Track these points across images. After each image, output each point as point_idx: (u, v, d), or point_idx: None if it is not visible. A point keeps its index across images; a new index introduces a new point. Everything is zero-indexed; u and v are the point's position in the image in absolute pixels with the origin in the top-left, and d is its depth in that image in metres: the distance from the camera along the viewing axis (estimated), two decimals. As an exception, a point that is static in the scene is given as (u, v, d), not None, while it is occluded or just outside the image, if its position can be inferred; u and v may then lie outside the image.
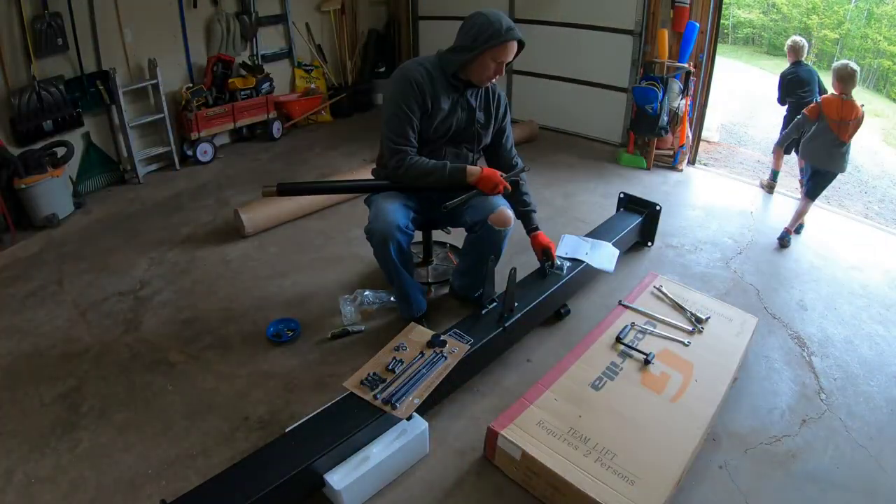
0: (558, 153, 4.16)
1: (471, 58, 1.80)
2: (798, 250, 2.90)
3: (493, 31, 1.77)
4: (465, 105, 1.97)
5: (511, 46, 1.82)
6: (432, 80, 1.87)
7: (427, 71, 1.87)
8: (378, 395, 1.59)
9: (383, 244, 1.89)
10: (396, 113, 1.87)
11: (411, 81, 1.84)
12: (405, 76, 1.86)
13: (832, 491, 1.60)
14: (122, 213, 3.28)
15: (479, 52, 1.79)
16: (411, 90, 1.84)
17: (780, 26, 13.77)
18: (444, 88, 1.90)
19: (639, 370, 1.83)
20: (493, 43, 1.77)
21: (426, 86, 1.86)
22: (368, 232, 1.93)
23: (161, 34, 3.74)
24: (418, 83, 1.84)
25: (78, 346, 2.16)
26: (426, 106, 1.87)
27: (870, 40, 11.77)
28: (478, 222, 1.99)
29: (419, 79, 1.84)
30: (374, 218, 1.92)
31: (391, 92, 1.90)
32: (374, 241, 1.92)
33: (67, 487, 1.58)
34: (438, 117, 1.91)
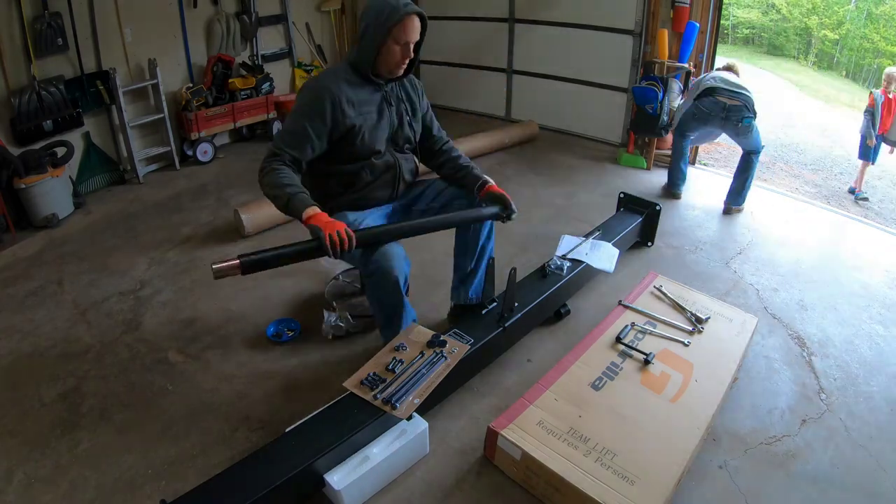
0: (558, 153, 4.16)
1: (376, 47, 1.69)
2: (798, 251, 2.90)
3: (389, 11, 1.65)
4: (391, 100, 1.84)
5: (411, 22, 1.68)
6: (351, 84, 1.74)
7: (343, 79, 1.73)
8: (378, 394, 1.58)
9: (394, 281, 1.71)
10: (293, 123, 1.70)
11: (323, 90, 1.68)
12: (317, 85, 1.71)
13: (832, 491, 1.60)
14: (122, 213, 3.29)
15: (382, 38, 1.67)
16: (318, 102, 1.68)
17: (779, 26, 13.77)
18: (366, 91, 1.77)
19: (639, 370, 1.83)
20: (391, 22, 1.65)
21: (341, 92, 1.70)
22: (374, 272, 1.70)
23: (161, 34, 3.74)
24: (331, 91, 1.68)
25: (78, 346, 2.16)
26: (347, 115, 1.70)
27: (868, 41, 11.78)
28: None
29: (332, 87, 1.69)
30: (379, 257, 1.69)
31: (297, 104, 1.75)
32: (381, 282, 1.72)
33: (67, 487, 1.58)
34: (369, 123, 1.77)
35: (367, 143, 1.78)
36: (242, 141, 4.38)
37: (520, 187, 3.54)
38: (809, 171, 5.22)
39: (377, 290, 1.77)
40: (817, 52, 13.14)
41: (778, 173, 5.03)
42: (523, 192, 3.48)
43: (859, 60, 12.24)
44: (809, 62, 13.05)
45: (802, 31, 13.33)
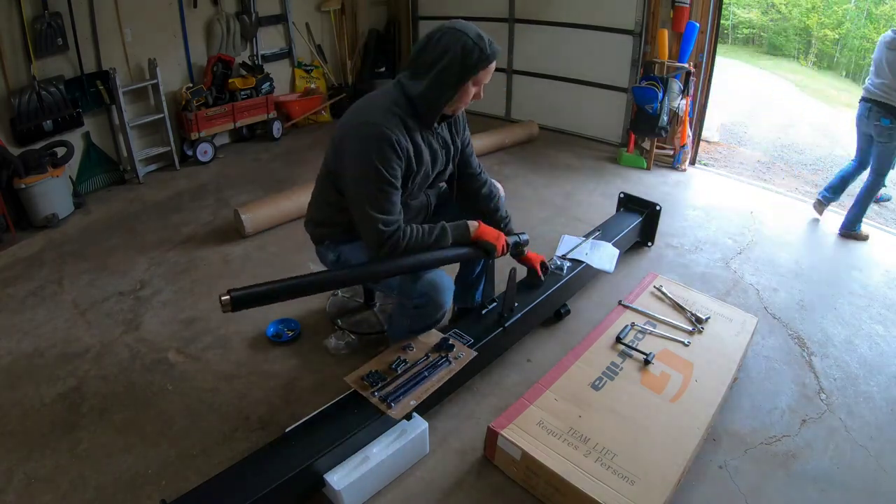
0: (558, 153, 4.16)
1: (455, 89, 1.50)
2: (798, 250, 2.90)
3: (478, 53, 1.46)
4: (441, 142, 1.67)
5: (494, 65, 1.53)
6: (408, 129, 1.53)
7: (400, 120, 1.51)
8: (376, 392, 1.58)
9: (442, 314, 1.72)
10: (379, 186, 1.48)
11: (392, 142, 1.46)
12: (382, 136, 1.46)
13: (832, 491, 1.60)
14: (122, 213, 3.29)
15: (465, 82, 1.49)
16: (393, 151, 1.47)
17: (779, 26, 13.77)
18: (420, 132, 1.57)
19: (639, 370, 1.83)
20: (480, 68, 1.48)
21: (406, 142, 1.51)
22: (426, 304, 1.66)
23: (161, 34, 3.74)
24: (400, 144, 1.48)
25: (78, 346, 2.16)
26: (411, 167, 1.56)
27: (868, 41, 11.77)
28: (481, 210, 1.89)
29: (400, 138, 1.48)
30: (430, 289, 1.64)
31: (365, 156, 1.47)
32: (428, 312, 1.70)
33: (67, 487, 1.58)
34: (422, 171, 1.61)
35: (415, 192, 1.68)
36: (242, 141, 4.38)
37: (520, 187, 3.54)
38: (809, 171, 5.21)
39: (421, 318, 1.74)
40: (817, 51, 13.12)
41: (778, 173, 5.03)
42: (523, 192, 3.48)
43: (859, 60, 12.23)
44: (809, 62, 13.04)
45: (802, 30, 13.31)
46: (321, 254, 1.85)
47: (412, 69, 1.53)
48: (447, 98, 1.52)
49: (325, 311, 2.34)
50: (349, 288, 2.42)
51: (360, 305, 2.35)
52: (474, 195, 1.89)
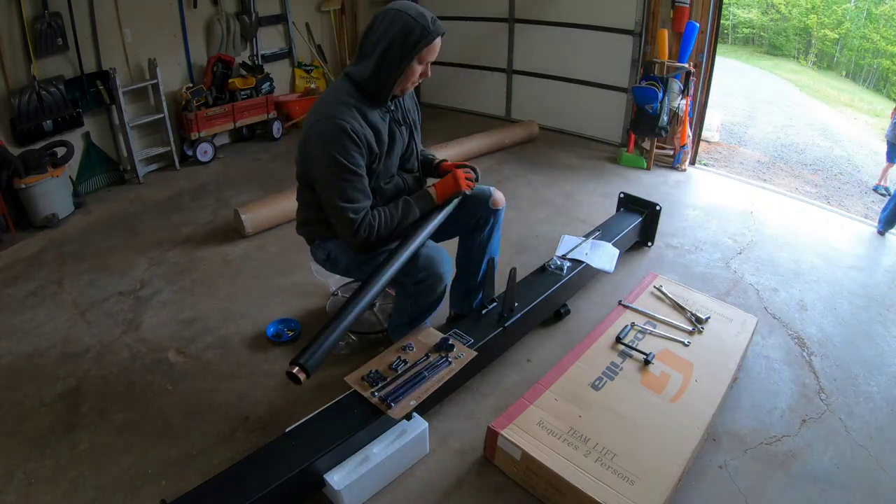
0: (558, 153, 4.16)
1: (400, 68, 1.53)
2: (798, 250, 2.90)
3: (420, 31, 1.49)
4: (399, 119, 1.70)
5: (438, 42, 1.54)
6: (363, 114, 1.55)
7: (354, 108, 1.54)
8: (376, 392, 1.59)
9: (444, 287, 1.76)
10: (342, 176, 1.53)
11: (347, 131, 1.50)
12: (337, 128, 1.50)
13: (832, 491, 1.60)
14: (122, 213, 3.29)
15: (409, 60, 1.52)
16: (350, 140, 1.51)
17: (779, 26, 13.77)
18: (377, 116, 1.60)
19: (639, 370, 1.83)
20: (423, 45, 1.50)
21: (363, 128, 1.54)
22: (426, 279, 1.71)
23: (161, 34, 3.74)
24: (355, 131, 1.51)
25: (78, 346, 2.16)
26: (373, 151, 1.59)
27: (868, 40, 11.78)
28: (483, 214, 1.92)
29: (354, 125, 1.51)
30: (428, 264, 1.70)
31: (324, 150, 1.52)
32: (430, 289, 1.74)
33: (67, 487, 1.58)
34: (384, 152, 1.64)
35: (382, 173, 1.69)
36: (242, 141, 4.38)
37: (520, 187, 3.54)
38: (809, 171, 5.22)
39: (424, 296, 1.76)
40: (817, 51, 13.14)
41: (778, 173, 5.04)
42: (523, 191, 3.48)
43: (859, 60, 12.24)
44: (809, 62, 13.05)
45: (802, 30, 13.33)
46: (314, 253, 1.89)
47: (358, 55, 1.58)
48: (394, 77, 1.55)
49: (324, 312, 2.34)
50: (346, 287, 2.43)
51: None
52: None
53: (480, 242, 1.97)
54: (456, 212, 1.87)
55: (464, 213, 1.91)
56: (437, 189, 1.76)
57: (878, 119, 8.54)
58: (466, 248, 2.02)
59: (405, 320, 1.87)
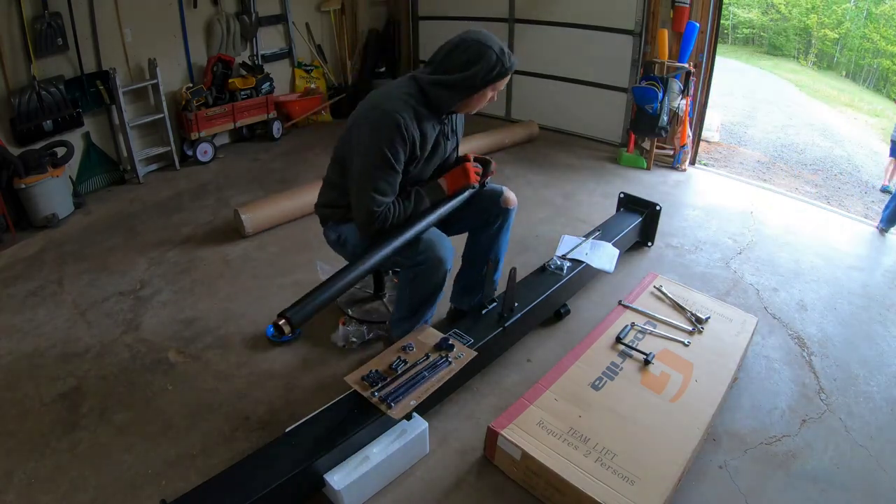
0: (558, 153, 4.16)
1: (471, 93, 1.64)
2: (798, 250, 2.90)
3: (500, 66, 1.61)
4: (447, 132, 1.79)
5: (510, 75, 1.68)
6: (419, 118, 1.62)
7: (413, 109, 1.60)
8: (376, 392, 1.58)
9: (443, 273, 1.77)
10: (381, 167, 1.59)
11: (400, 127, 1.56)
12: (392, 121, 1.56)
13: (832, 491, 1.60)
14: (122, 213, 3.29)
15: (482, 88, 1.63)
16: (400, 137, 1.57)
17: (779, 26, 13.78)
18: (429, 124, 1.67)
19: (639, 370, 1.83)
20: (499, 78, 1.63)
21: (414, 129, 1.60)
22: (425, 261, 1.73)
23: (161, 34, 3.74)
24: (407, 128, 1.58)
25: (78, 346, 2.16)
26: (415, 154, 1.65)
27: (868, 40, 11.78)
28: (493, 212, 1.92)
29: (408, 122, 1.58)
30: (427, 247, 1.72)
31: (374, 139, 1.58)
32: (430, 272, 1.75)
33: (67, 487, 1.58)
34: (424, 158, 1.71)
35: (416, 177, 1.75)
36: (242, 141, 4.38)
37: (520, 187, 3.54)
38: (809, 171, 5.22)
39: (421, 279, 1.79)
40: (817, 51, 13.14)
41: (778, 173, 5.04)
42: (523, 191, 3.48)
43: (859, 60, 12.24)
44: (809, 62, 13.06)
45: (802, 30, 13.33)
46: (325, 234, 1.93)
47: (434, 68, 1.65)
48: (465, 98, 1.65)
49: (326, 310, 2.33)
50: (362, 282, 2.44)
51: (369, 296, 2.37)
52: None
53: (488, 239, 1.98)
54: (466, 207, 1.89)
55: (474, 210, 1.93)
56: (448, 180, 1.80)
57: (878, 119, 8.54)
58: (474, 243, 2.04)
59: (405, 313, 1.89)
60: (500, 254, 2.02)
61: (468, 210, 1.91)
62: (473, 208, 1.92)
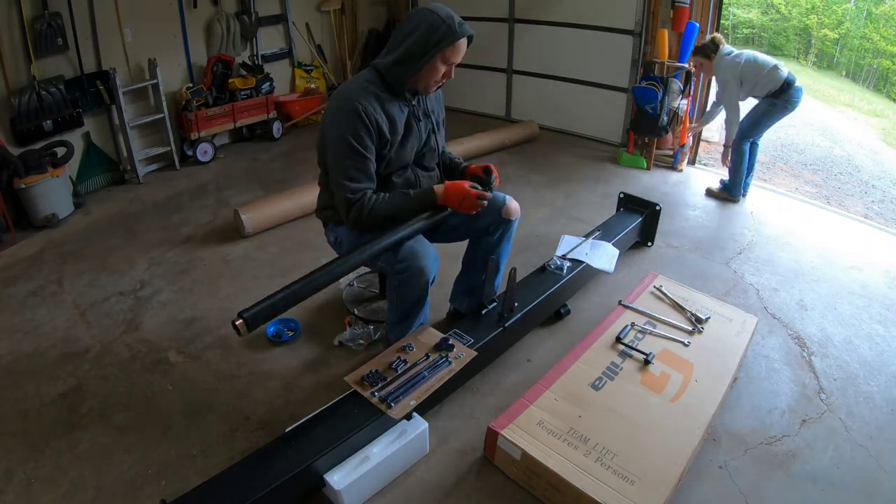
0: (558, 153, 4.16)
1: (423, 65, 1.59)
2: (798, 250, 2.90)
3: (446, 30, 1.55)
4: (419, 114, 1.75)
5: (462, 44, 1.61)
6: (381, 102, 1.62)
7: (373, 94, 1.61)
8: (376, 392, 1.59)
9: (424, 281, 1.73)
10: (348, 154, 1.60)
11: (359, 112, 1.57)
12: (351, 108, 1.57)
13: (832, 491, 1.60)
14: (122, 213, 3.29)
15: (431, 57, 1.58)
16: (361, 122, 1.57)
17: (779, 26, 13.77)
18: (397, 106, 1.67)
19: (639, 370, 1.83)
20: (446, 43, 1.56)
21: (376, 113, 1.60)
22: (407, 269, 1.69)
23: (161, 34, 3.74)
24: (367, 113, 1.58)
25: (78, 346, 2.16)
26: (384, 137, 1.64)
27: (868, 40, 11.78)
28: (494, 221, 1.91)
29: (367, 107, 1.58)
30: (409, 255, 1.68)
31: (337, 129, 1.61)
32: (411, 280, 1.71)
33: (67, 487, 1.58)
34: (397, 141, 1.69)
35: (394, 162, 1.72)
36: (242, 141, 4.38)
37: (520, 187, 3.54)
38: (809, 171, 5.21)
39: (404, 288, 1.75)
40: (817, 51, 13.13)
41: (778, 173, 5.03)
42: (523, 191, 3.48)
43: (859, 60, 12.23)
44: (809, 62, 13.05)
45: (802, 30, 13.32)
46: (326, 235, 1.95)
47: (387, 48, 1.66)
48: (414, 69, 1.61)
49: (325, 310, 2.34)
50: (362, 278, 2.46)
51: (375, 295, 2.36)
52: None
53: (488, 248, 1.97)
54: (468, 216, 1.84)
55: (475, 218, 1.88)
56: (446, 190, 1.71)
57: (879, 119, 8.53)
58: (474, 249, 2.03)
59: (395, 318, 1.87)
60: (501, 259, 2.01)
61: (468, 218, 1.86)
62: (475, 217, 1.86)
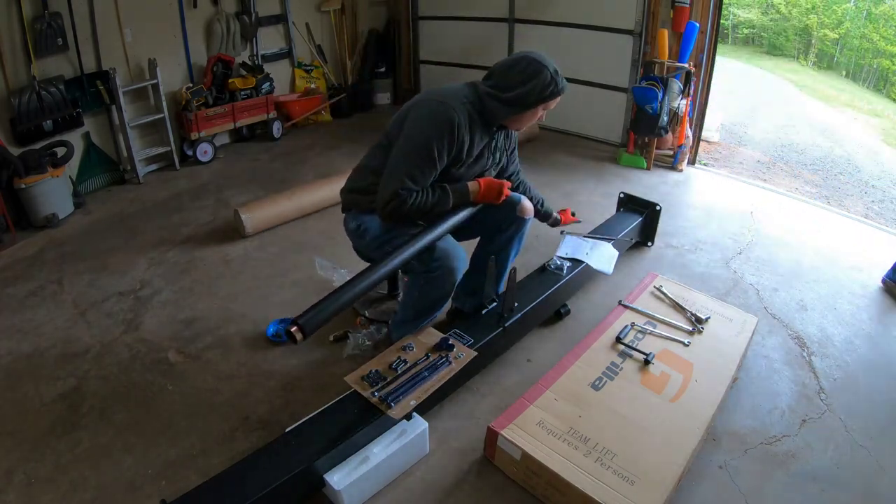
0: (558, 153, 4.16)
1: (525, 111, 1.71)
2: (798, 250, 2.90)
3: (553, 86, 1.68)
4: (494, 148, 1.86)
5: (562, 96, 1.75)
6: (471, 123, 1.69)
7: (468, 113, 1.68)
8: (376, 392, 1.59)
9: (453, 282, 1.80)
10: (422, 156, 1.64)
11: (454, 126, 1.63)
12: (448, 117, 1.63)
13: (832, 491, 1.60)
14: (122, 213, 3.29)
15: (535, 106, 1.70)
16: (450, 135, 1.64)
17: (779, 26, 13.77)
18: (480, 133, 1.74)
19: (639, 370, 1.83)
20: (552, 97, 1.70)
21: (465, 131, 1.67)
22: (437, 269, 1.75)
23: (161, 34, 3.74)
24: (460, 128, 1.64)
25: (78, 346, 2.16)
26: (460, 154, 1.70)
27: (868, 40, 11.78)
28: (506, 218, 1.95)
29: (462, 123, 1.65)
30: (443, 255, 1.75)
31: (425, 128, 1.65)
32: (441, 281, 1.78)
33: (67, 487, 1.58)
34: (468, 163, 1.76)
35: (456, 180, 1.77)
36: (242, 141, 4.37)
37: (520, 187, 3.54)
38: (809, 171, 5.21)
39: (430, 286, 1.80)
40: (817, 51, 13.13)
41: (778, 173, 5.03)
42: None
43: (859, 60, 12.23)
44: (809, 62, 13.05)
45: (802, 30, 13.33)
46: (345, 221, 1.93)
47: (495, 82, 1.72)
48: (516, 114, 1.72)
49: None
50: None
51: (383, 296, 2.37)
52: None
53: (499, 246, 2.00)
54: (481, 213, 1.91)
55: (489, 216, 1.94)
56: (481, 187, 1.79)
57: (879, 119, 8.53)
58: (483, 248, 2.06)
59: (410, 315, 1.89)
60: (508, 259, 2.03)
61: (482, 216, 1.93)
62: (488, 214, 1.94)
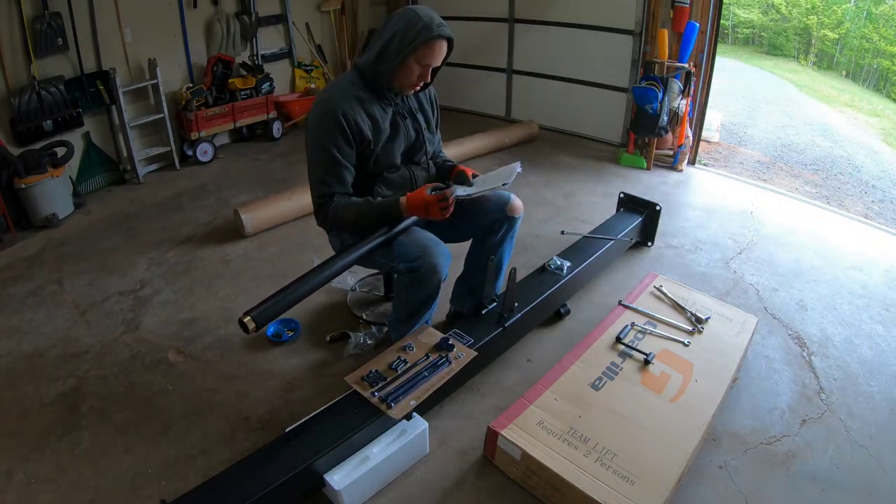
0: (558, 153, 4.16)
1: (397, 63, 1.58)
2: (798, 250, 2.90)
3: (420, 29, 1.55)
4: (404, 112, 1.75)
5: (439, 46, 1.59)
6: (362, 102, 1.63)
7: (354, 97, 1.61)
8: (376, 392, 1.59)
9: (437, 281, 1.71)
10: (323, 159, 1.62)
11: (337, 117, 1.58)
12: (329, 112, 1.59)
13: (832, 491, 1.60)
14: (122, 213, 3.29)
15: (405, 56, 1.57)
16: (339, 127, 1.58)
17: (779, 26, 13.78)
18: (379, 106, 1.67)
19: (639, 370, 1.83)
20: (418, 42, 1.55)
21: (357, 114, 1.61)
22: (420, 268, 1.67)
23: (161, 34, 3.74)
24: (346, 116, 1.58)
25: (78, 346, 2.16)
26: (366, 138, 1.64)
27: (868, 40, 11.79)
28: (498, 219, 1.90)
29: (347, 110, 1.59)
30: (422, 253, 1.67)
31: (315, 131, 1.62)
32: (424, 279, 1.70)
33: (67, 487, 1.58)
34: (383, 141, 1.69)
35: (382, 161, 1.72)
36: (242, 141, 4.38)
37: (520, 187, 3.53)
38: (809, 171, 5.22)
39: (415, 286, 1.74)
40: (817, 51, 13.14)
41: (778, 173, 5.04)
42: (523, 192, 3.47)
43: (859, 60, 12.24)
44: (809, 62, 13.06)
45: (802, 30, 13.34)
46: (331, 241, 1.93)
47: (369, 46, 1.66)
48: (390, 67, 1.60)
49: (325, 310, 2.34)
50: (363, 282, 2.47)
51: (380, 298, 2.37)
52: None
53: (491, 246, 1.96)
54: (471, 213, 1.87)
55: (479, 216, 1.90)
56: (408, 201, 1.67)
57: (879, 119, 8.53)
58: (476, 249, 2.02)
59: (402, 315, 1.87)
60: (504, 258, 2.01)
61: (472, 216, 1.89)
62: (477, 214, 1.89)
